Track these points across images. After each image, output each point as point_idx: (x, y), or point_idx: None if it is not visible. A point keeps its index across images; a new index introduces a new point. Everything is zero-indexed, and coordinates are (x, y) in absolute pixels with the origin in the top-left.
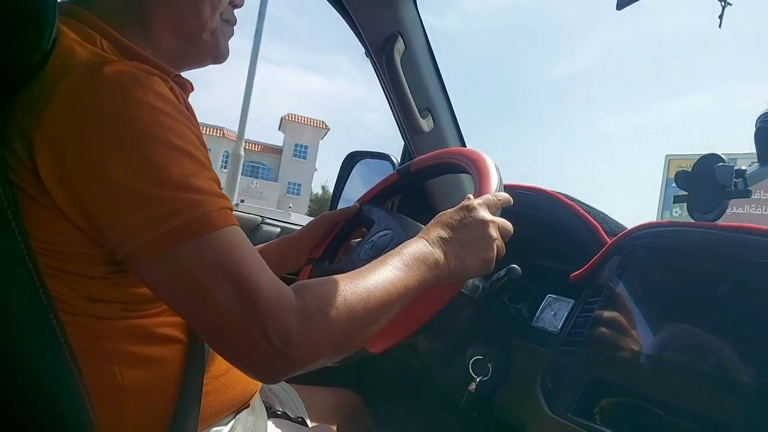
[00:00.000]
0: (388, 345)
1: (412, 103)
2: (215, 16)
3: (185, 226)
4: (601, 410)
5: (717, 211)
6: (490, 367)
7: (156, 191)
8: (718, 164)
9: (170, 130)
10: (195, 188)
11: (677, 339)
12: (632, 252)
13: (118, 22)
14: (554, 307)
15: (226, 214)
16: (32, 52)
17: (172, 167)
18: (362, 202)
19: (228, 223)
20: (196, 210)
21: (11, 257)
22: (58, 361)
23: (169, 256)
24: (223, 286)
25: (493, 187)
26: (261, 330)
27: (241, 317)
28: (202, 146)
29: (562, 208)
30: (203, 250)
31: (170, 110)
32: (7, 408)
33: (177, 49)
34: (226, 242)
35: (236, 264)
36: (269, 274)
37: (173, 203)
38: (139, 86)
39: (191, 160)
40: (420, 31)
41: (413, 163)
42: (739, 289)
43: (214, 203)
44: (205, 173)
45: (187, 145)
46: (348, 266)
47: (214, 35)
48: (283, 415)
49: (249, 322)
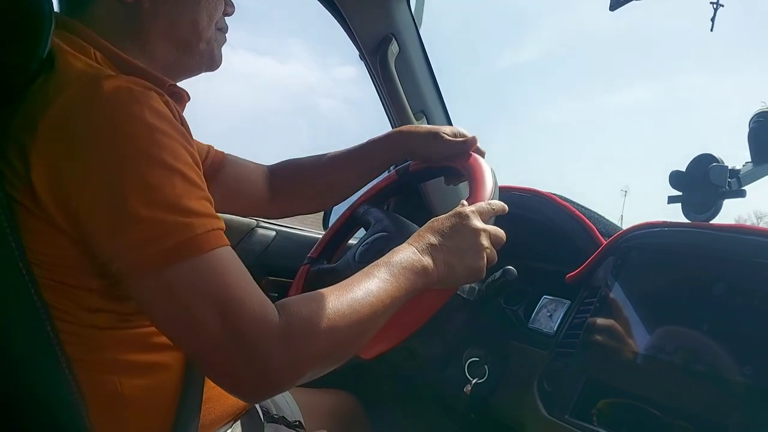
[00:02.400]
0: (380, 351)
1: (406, 105)
2: (211, 25)
3: (172, 250)
4: (599, 411)
5: (711, 212)
6: (486, 369)
7: (146, 212)
8: (711, 164)
9: (164, 148)
10: (185, 210)
11: (673, 339)
12: (627, 253)
13: (113, 34)
14: (550, 309)
15: (215, 235)
16: (29, 59)
17: (164, 188)
18: (360, 202)
19: (215, 245)
20: (185, 233)
21: (7, 269)
22: (54, 371)
23: (155, 277)
24: (206, 311)
25: (488, 192)
26: (243, 356)
27: (223, 342)
28: (196, 164)
29: (557, 210)
30: (188, 274)
31: (166, 128)
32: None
33: (173, 59)
34: (212, 266)
35: (220, 288)
36: (254, 298)
37: (162, 225)
38: (135, 103)
39: (183, 180)
40: (414, 33)
41: (412, 163)
42: (734, 289)
43: (203, 225)
44: (197, 193)
45: (180, 165)
46: (343, 268)
47: (209, 44)
48: (280, 420)
49: (231, 347)
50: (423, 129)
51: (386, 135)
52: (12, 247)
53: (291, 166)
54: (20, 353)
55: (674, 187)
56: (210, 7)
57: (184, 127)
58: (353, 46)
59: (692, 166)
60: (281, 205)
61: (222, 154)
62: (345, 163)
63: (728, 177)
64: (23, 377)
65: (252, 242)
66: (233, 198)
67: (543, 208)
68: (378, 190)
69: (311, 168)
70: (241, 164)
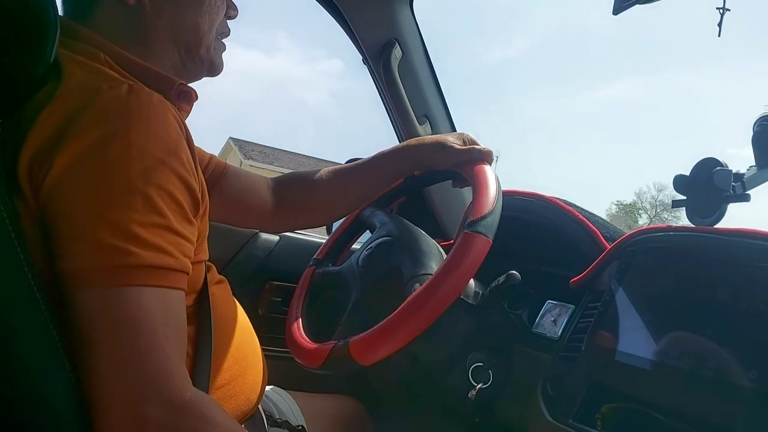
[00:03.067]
0: (379, 357)
1: (409, 110)
2: (212, 30)
3: (97, 271)
4: (603, 416)
5: (716, 216)
6: (490, 373)
7: (91, 227)
8: (716, 168)
9: (142, 169)
10: (131, 236)
11: (677, 344)
12: (631, 257)
13: (120, 36)
14: (554, 313)
15: (151, 273)
16: (35, 65)
17: (118, 208)
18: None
19: (146, 282)
20: (117, 258)
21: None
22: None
23: (77, 292)
24: (106, 347)
25: (490, 201)
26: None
27: (99, 394)
28: (187, 188)
29: (561, 214)
30: (103, 302)
31: (155, 149)
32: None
33: (178, 61)
34: (129, 303)
35: (129, 331)
36: (159, 359)
37: (98, 245)
38: (132, 117)
39: (146, 206)
40: (417, 38)
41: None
42: (738, 293)
43: (142, 257)
44: (157, 222)
45: (151, 190)
46: (347, 271)
47: (209, 52)
48: (283, 424)
49: (118, 400)
50: (429, 140)
51: (395, 149)
52: (17, 249)
53: (296, 178)
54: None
55: (678, 191)
56: (212, 11)
57: (187, 138)
58: (349, 45)
59: (696, 170)
60: (285, 217)
61: (223, 163)
62: (354, 176)
63: (732, 181)
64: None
65: (256, 247)
66: (235, 208)
67: (546, 213)
68: (383, 193)
69: (317, 180)
70: (243, 175)
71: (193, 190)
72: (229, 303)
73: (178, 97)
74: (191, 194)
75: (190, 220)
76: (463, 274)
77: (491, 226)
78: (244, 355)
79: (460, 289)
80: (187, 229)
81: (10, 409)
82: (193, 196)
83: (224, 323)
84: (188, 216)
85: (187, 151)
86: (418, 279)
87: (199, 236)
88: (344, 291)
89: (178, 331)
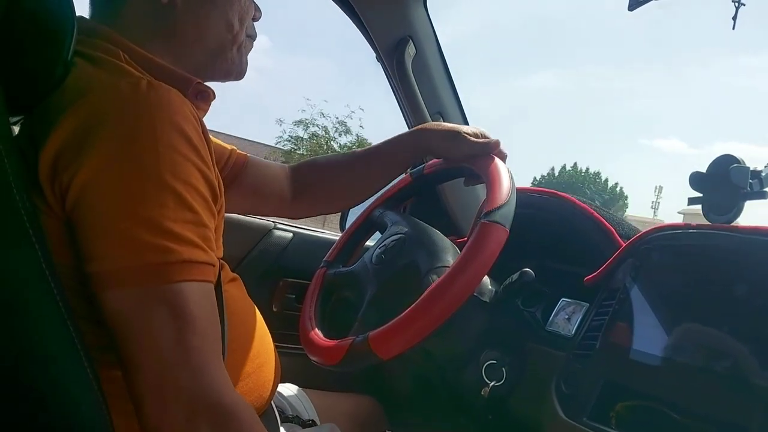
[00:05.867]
0: (397, 351)
1: (423, 107)
2: (243, 29)
3: (138, 270)
4: (617, 414)
5: (733, 213)
6: (504, 371)
7: (125, 225)
8: (732, 165)
9: (168, 166)
10: (166, 232)
11: (693, 342)
12: (647, 255)
13: (140, 35)
14: (568, 311)
15: (189, 268)
16: (54, 62)
17: (152, 205)
18: (376, 205)
19: (186, 277)
20: (156, 256)
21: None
22: (78, 370)
23: (114, 292)
24: (150, 345)
25: (504, 192)
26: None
27: (134, 386)
28: (208, 184)
29: (575, 212)
30: (147, 300)
31: (179, 144)
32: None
33: (203, 62)
34: (173, 298)
35: (174, 326)
36: (204, 357)
37: (135, 242)
38: (154, 114)
39: (177, 201)
40: (431, 35)
41: (427, 165)
42: (755, 291)
43: (179, 253)
44: (188, 217)
45: (179, 185)
46: (360, 270)
47: (239, 51)
48: (294, 419)
49: (161, 391)
50: (444, 127)
51: (409, 133)
52: (36, 249)
53: (312, 165)
54: (44, 353)
55: (695, 189)
56: (242, 11)
57: (204, 134)
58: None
59: (713, 167)
60: (303, 203)
61: (244, 156)
62: (370, 161)
63: (750, 178)
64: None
65: (269, 244)
66: (256, 199)
67: (561, 210)
68: (393, 193)
69: (333, 166)
70: (263, 165)
71: (213, 186)
72: (243, 300)
73: (195, 96)
74: (212, 189)
75: (214, 213)
76: (482, 264)
77: (507, 216)
78: (258, 352)
79: (480, 279)
80: (212, 223)
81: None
82: (213, 191)
83: (239, 321)
84: (213, 210)
85: (205, 147)
86: (435, 271)
87: (216, 231)
88: (358, 290)
89: (216, 322)
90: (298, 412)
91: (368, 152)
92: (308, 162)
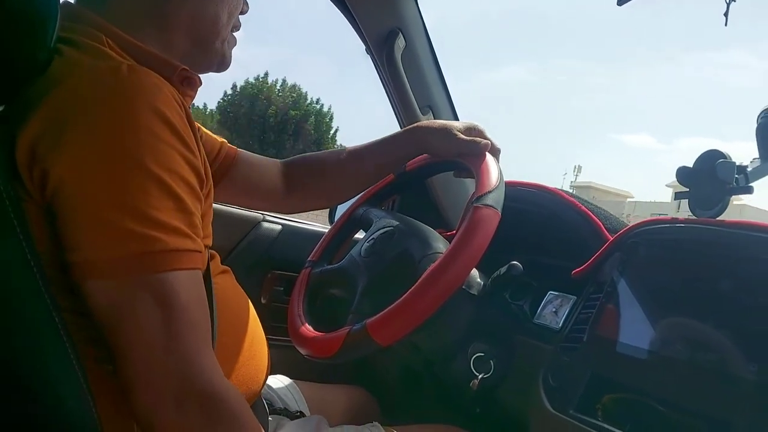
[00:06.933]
0: (397, 337)
1: (412, 100)
2: (230, 24)
3: (125, 259)
4: (603, 406)
5: (718, 208)
6: (491, 363)
7: (111, 214)
8: (719, 160)
9: (152, 153)
10: (153, 221)
11: (679, 335)
12: (634, 248)
13: (128, 21)
14: (556, 304)
15: (178, 256)
16: (37, 50)
17: (138, 194)
18: (359, 204)
19: (174, 266)
20: (143, 245)
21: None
22: (64, 363)
23: (102, 282)
24: (139, 334)
25: (494, 179)
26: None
27: (123, 374)
28: (195, 172)
29: (563, 205)
30: (135, 290)
31: (163, 132)
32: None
33: (189, 52)
34: (162, 288)
35: (162, 316)
36: (193, 345)
37: (122, 232)
38: (138, 100)
39: (162, 190)
40: (421, 28)
41: (409, 163)
42: (740, 285)
43: (166, 242)
44: (175, 205)
45: (164, 173)
46: (349, 265)
47: (223, 44)
48: (282, 411)
49: (132, 378)
50: (437, 124)
51: (406, 130)
52: (20, 239)
53: (306, 160)
54: (30, 346)
55: (681, 183)
56: (231, 5)
57: (188, 120)
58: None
59: (699, 162)
60: (295, 199)
61: (234, 149)
62: (363, 157)
63: (735, 173)
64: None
65: (258, 236)
66: (247, 193)
67: (549, 204)
68: (376, 191)
69: (327, 162)
70: (254, 160)
71: (199, 171)
72: (235, 291)
73: (181, 82)
74: (197, 175)
75: (200, 199)
76: (478, 245)
77: (499, 200)
78: (250, 344)
79: (477, 260)
80: (198, 209)
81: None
82: (198, 177)
83: (230, 312)
84: (199, 195)
85: (189, 133)
86: (429, 258)
87: (203, 218)
88: (348, 285)
89: (205, 310)
90: (287, 404)
91: (363, 149)
92: (301, 157)
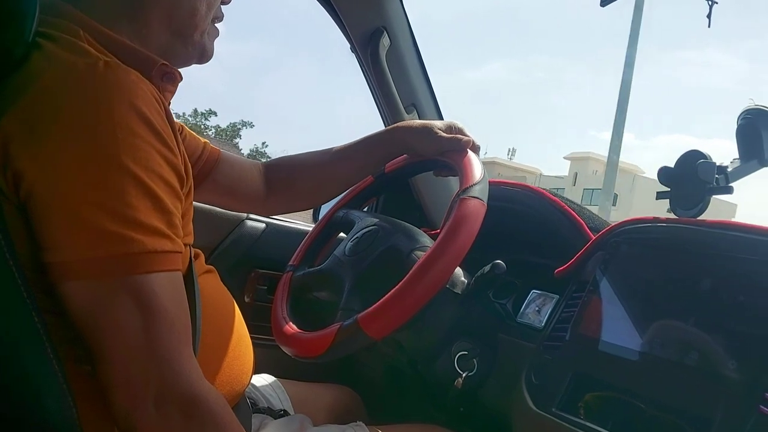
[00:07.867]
0: (389, 329)
1: (397, 99)
2: (209, 15)
3: (102, 260)
4: (585, 405)
5: (699, 207)
6: (475, 362)
7: (88, 214)
8: (699, 161)
9: (130, 152)
10: (131, 221)
11: (660, 334)
12: (616, 247)
13: (106, 15)
14: (538, 303)
15: (156, 258)
16: (14, 44)
17: (116, 193)
18: (338, 207)
19: (153, 268)
20: (121, 246)
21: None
22: (43, 363)
23: (77, 283)
24: (117, 337)
25: (478, 173)
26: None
27: (103, 376)
28: (174, 171)
29: (546, 205)
30: (112, 292)
31: (141, 129)
32: None
33: (167, 45)
34: (139, 290)
35: (141, 318)
36: (172, 348)
37: (99, 232)
38: (115, 97)
39: (140, 190)
40: (405, 27)
41: (388, 165)
42: (720, 284)
43: (144, 243)
44: (154, 205)
45: (142, 172)
46: (334, 265)
47: (203, 36)
48: (266, 410)
49: (129, 386)
50: (417, 124)
51: (387, 130)
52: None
53: (287, 162)
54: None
55: (662, 183)
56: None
57: (168, 117)
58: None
59: (681, 162)
60: (278, 202)
61: (217, 151)
62: (343, 158)
63: (716, 173)
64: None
65: (242, 234)
66: (229, 195)
67: (532, 203)
68: (356, 193)
69: (307, 163)
70: (236, 161)
71: (178, 170)
72: (219, 291)
73: (161, 78)
74: (177, 173)
75: (180, 198)
76: (467, 235)
77: (484, 191)
78: (235, 344)
79: (465, 250)
80: (178, 208)
81: None
82: (178, 175)
83: (215, 312)
84: (179, 194)
85: (169, 130)
86: (418, 250)
87: (184, 216)
88: (333, 285)
89: (185, 311)
90: (271, 403)
91: (343, 150)
92: (282, 159)
